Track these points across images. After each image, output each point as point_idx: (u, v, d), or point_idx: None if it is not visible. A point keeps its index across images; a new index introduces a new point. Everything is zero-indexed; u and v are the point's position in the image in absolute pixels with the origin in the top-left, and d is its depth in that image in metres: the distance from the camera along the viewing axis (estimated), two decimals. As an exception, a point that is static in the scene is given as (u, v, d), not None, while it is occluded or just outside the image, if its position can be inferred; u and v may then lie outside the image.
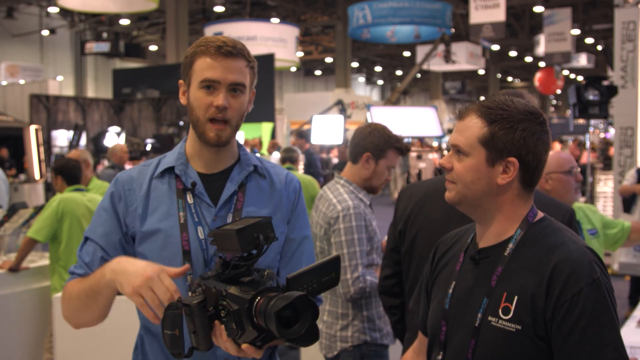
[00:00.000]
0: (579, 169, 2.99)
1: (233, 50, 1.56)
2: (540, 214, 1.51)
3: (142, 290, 1.34)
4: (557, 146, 14.84)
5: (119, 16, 22.63)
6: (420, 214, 2.25)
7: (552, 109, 42.72)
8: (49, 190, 12.02)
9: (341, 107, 13.29)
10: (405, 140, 11.13)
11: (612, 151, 8.92)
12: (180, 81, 1.65)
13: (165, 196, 1.63)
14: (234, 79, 1.56)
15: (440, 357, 1.53)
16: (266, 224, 1.35)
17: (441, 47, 17.84)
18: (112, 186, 1.66)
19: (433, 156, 15.08)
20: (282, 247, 1.68)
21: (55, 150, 15.53)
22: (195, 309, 1.30)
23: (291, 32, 20.08)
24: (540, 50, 19.88)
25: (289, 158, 6.91)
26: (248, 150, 1.77)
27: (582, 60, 23.68)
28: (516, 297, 1.39)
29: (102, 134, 15.87)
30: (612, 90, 7.89)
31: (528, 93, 2.02)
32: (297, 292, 1.22)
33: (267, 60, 14.26)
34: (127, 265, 1.40)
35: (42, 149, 13.30)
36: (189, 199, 1.61)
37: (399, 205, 2.36)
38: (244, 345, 1.29)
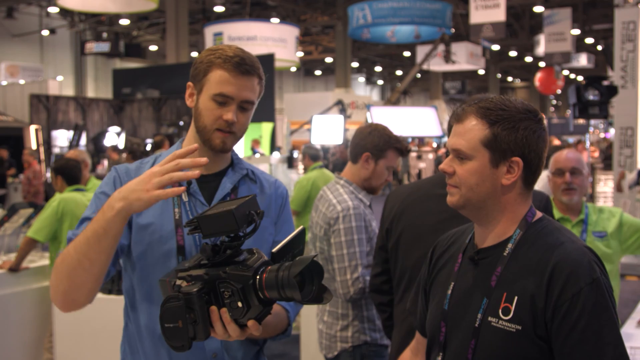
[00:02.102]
0: (583, 171, 3.01)
1: (250, 70, 1.60)
2: (539, 214, 1.51)
3: (156, 184, 1.35)
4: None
5: (119, 16, 22.63)
6: (405, 213, 2.35)
7: (552, 109, 42.71)
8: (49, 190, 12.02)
9: (341, 107, 13.25)
10: (418, 139, 11.08)
11: (596, 154, 8.92)
12: (190, 83, 1.66)
13: None
14: (247, 97, 1.61)
15: (439, 358, 1.52)
16: (253, 200, 1.40)
17: (441, 47, 17.82)
18: (112, 173, 1.68)
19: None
20: (270, 248, 1.71)
21: (55, 150, 15.52)
22: (195, 297, 1.31)
23: (291, 32, 20.07)
24: (540, 50, 19.88)
25: (319, 156, 6.82)
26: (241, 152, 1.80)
27: (582, 60, 23.68)
28: (516, 298, 1.39)
29: (102, 134, 15.88)
30: (612, 90, 7.89)
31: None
32: (306, 257, 1.28)
33: (267, 60, 14.23)
34: (129, 185, 1.39)
35: (42, 149, 13.30)
36: (184, 196, 1.65)
37: (387, 206, 2.46)
38: (250, 322, 1.32)
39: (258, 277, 1.30)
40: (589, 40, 25.24)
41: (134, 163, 1.73)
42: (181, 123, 14.58)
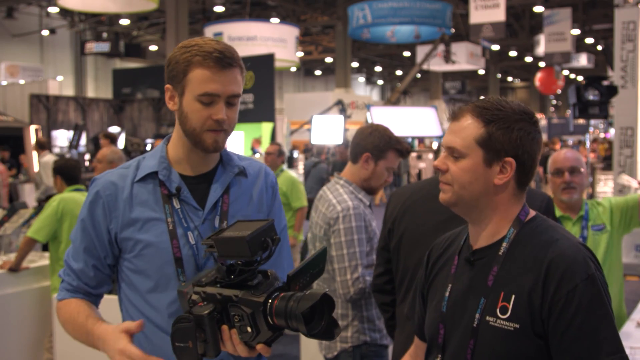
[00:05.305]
0: (582, 169, 3.03)
1: (232, 62, 1.54)
2: (532, 213, 1.52)
3: None
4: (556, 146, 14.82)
5: (119, 16, 22.61)
6: (407, 214, 2.36)
7: (552, 109, 42.70)
8: (49, 190, 12.02)
9: (341, 107, 13.23)
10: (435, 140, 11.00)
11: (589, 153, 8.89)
12: (168, 86, 1.59)
13: (151, 202, 1.61)
14: (232, 92, 1.55)
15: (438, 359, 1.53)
16: (270, 227, 1.38)
17: (441, 47, 17.80)
18: (90, 193, 1.63)
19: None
20: None
21: (55, 150, 15.52)
22: (206, 319, 1.32)
23: (291, 32, 20.05)
24: (540, 50, 19.87)
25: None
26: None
27: (582, 60, 23.67)
28: (513, 296, 1.39)
29: (102, 134, 15.82)
30: (612, 90, 7.89)
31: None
32: (317, 292, 1.26)
33: (267, 60, 14.22)
34: (110, 350, 1.48)
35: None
36: (176, 204, 1.60)
37: (389, 206, 2.47)
38: (258, 346, 1.32)
39: (269, 303, 1.30)
40: (589, 40, 25.23)
41: (115, 170, 1.66)
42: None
